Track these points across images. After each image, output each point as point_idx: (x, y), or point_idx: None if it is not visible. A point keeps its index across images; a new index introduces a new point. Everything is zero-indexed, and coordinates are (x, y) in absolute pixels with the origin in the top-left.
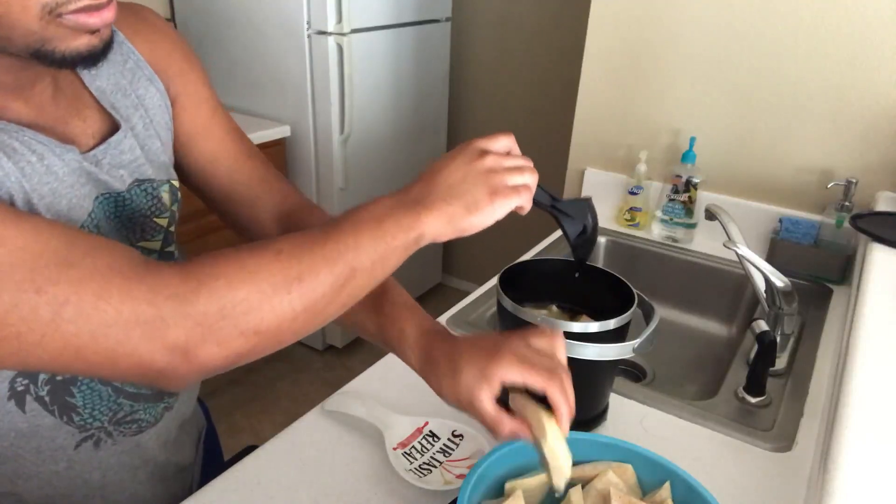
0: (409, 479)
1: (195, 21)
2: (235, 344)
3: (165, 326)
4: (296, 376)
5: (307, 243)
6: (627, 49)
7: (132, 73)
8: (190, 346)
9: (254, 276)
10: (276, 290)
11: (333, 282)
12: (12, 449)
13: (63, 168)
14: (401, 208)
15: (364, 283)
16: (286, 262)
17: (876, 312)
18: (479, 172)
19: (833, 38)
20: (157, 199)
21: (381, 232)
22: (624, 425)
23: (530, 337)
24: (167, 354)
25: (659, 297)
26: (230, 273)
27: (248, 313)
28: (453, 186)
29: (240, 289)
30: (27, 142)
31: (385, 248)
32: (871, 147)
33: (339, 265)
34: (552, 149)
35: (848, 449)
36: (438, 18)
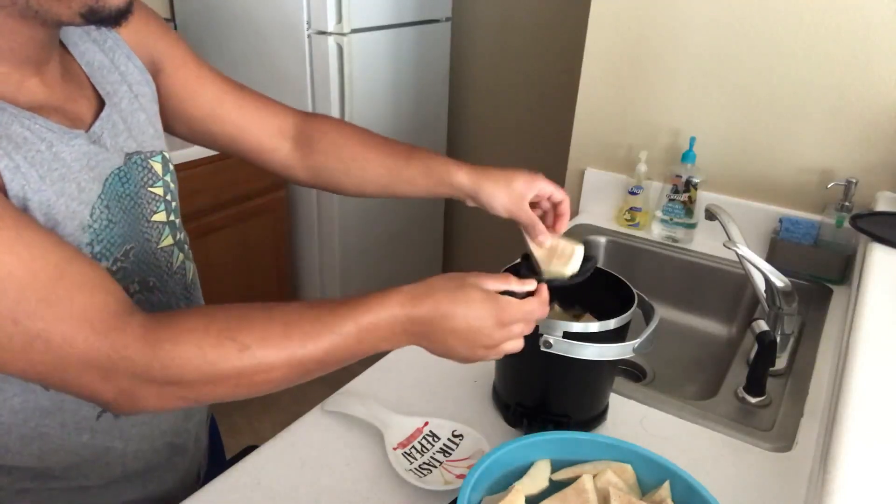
0: (409, 479)
1: (195, 21)
2: (175, 404)
3: (116, 377)
4: None
5: (278, 342)
6: (627, 49)
7: (112, 51)
8: (136, 395)
9: (209, 367)
10: (225, 382)
11: (288, 378)
12: (38, 429)
13: (71, 154)
14: (404, 338)
15: (319, 374)
16: (246, 362)
17: (876, 312)
18: (482, 346)
19: (833, 38)
20: (150, 170)
21: (359, 347)
22: (624, 425)
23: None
24: (115, 394)
25: (659, 297)
26: (191, 359)
27: (193, 389)
28: (453, 347)
29: (191, 372)
30: (37, 130)
31: (352, 356)
32: (871, 147)
33: (299, 367)
34: (552, 149)
35: (848, 449)
36: (438, 18)
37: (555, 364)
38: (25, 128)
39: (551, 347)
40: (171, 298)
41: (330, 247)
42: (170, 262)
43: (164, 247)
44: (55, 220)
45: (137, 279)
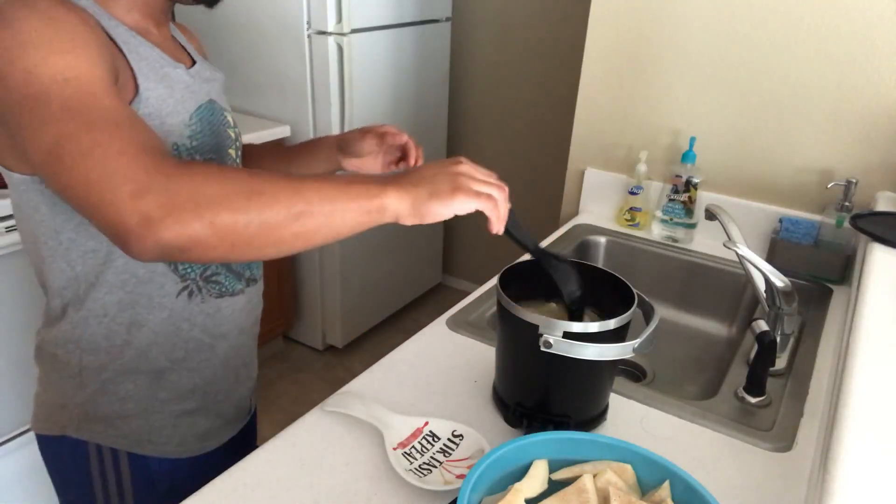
0: (409, 479)
1: (195, 21)
2: (189, 229)
3: (146, 192)
4: (296, 376)
5: (281, 176)
6: (627, 49)
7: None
8: (156, 216)
9: (225, 180)
10: (238, 196)
11: (288, 209)
12: (131, 296)
13: (175, 76)
14: (372, 180)
15: (317, 225)
16: (255, 180)
17: (876, 312)
18: (448, 172)
19: (833, 38)
20: (224, 116)
21: (346, 189)
22: (624, 425)
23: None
24: (137, 218)
25: (659, 297)
26: (210, 174)
27: (210, 205)
28: (423, 177)
29: (211, 185)
30: (156, 55)
31: (343, 203)
32: (871, 147)
33: (298, 199)
34: (552, 149)
35: (848, 449)
36: (438, 18)
37: (555, 364)
38: (148, 52)
39: (551, 347)
40: None
41: (330, 247)
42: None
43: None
44: (166, 110)
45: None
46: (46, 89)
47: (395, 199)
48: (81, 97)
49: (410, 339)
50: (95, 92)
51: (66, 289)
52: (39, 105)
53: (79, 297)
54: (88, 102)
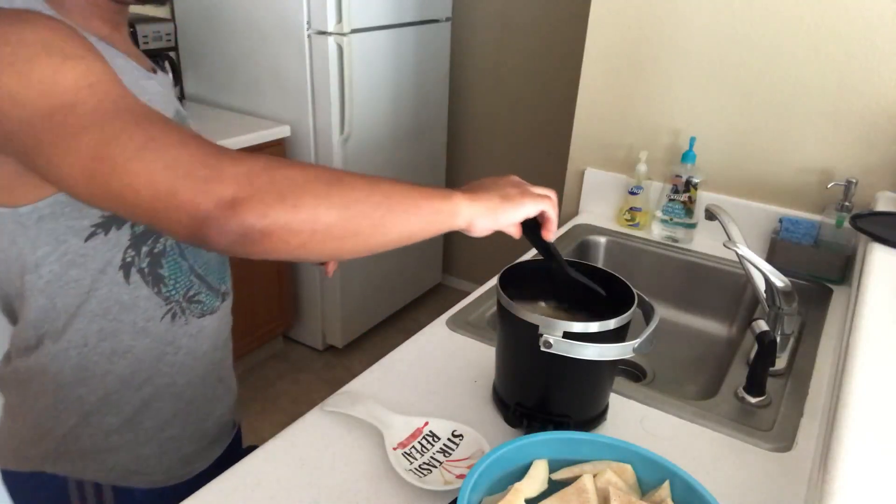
0: (409, 479)
1: (195, 21)
2: (275, 210)
3: (222, 178)
4: (296, 376)
5: (358, 174)
6: (627, 49)
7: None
8: (238, 198)
9: (304, 167)
10: (318, 182)
11: (368, 198)
12: (113, 324)
13: (150, 87)
14: (443, 189)
15: (394, 220)
16: (330, 170)
17: (876, 312)
18: (509, 182)
19: (833, 38)
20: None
21: (420, 189)
22: (624, 425)
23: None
24: (214, 204)
25: (659, 297)
26: (284, 160)
27: (293, 188)
28: (488, 186)
29: (291, 169)
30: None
31: (420, 202)
32: (871, 147)
33: (376, 191)
34: (552, 149)
35: (848, 449)
36: (438, 18)
37: (555, 364)
38: (123, 63)
39: (551, 347)
40: None
41: None
42: None
43: None
44: None
45: None
46: (71, 99)
47: (467, 204)
48: (114, 99)
49: (410, 339)
50: (124, 93)
51: (43, 321)
52: (67, 115)
53: (57, 329)
54: (124, 102)
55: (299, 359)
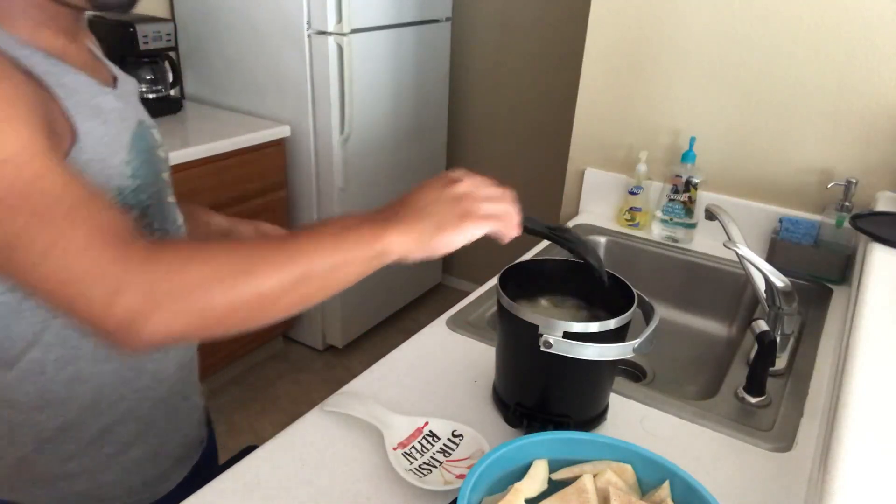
0: (409, 479)
1: (195, 21)
2: (179, 321)
3: (124, 290)
4: (296, 376)
5: (267, 243)
6: (627, 49)
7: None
8: (139, 315)
9: (207, 263)
10: (223, 279)
11: (283, 282)
12: (73, 351)
13: (107, 104)
14: (367, 223)
15: (317, 287)
16: (241, 256)
17: (876, 312)
18: (451, 197)
19: (833, 38)
20: (153, 136)
21: (343, 241)
22: (624, 425)
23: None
24: (119, 318)
25: (659, 297)
26: (188, 256)
27: (195, 294)
28: (424, 208)
29: (192, 271)
30: (83, 83)
31: (344, 258)
32: (871, 147)
33: (291, 267)
34: (552, 149)
35: (848, 449)
36: (438, 18)
37: (555, 364)
38: (76, 81)
39: (551, 347)
40: None
41: None
42: (175, 218)
43: (169, 201)
44: (105, 151)
45: (158, 220)
46: None
47: (397, 240)
48: (24, 183)
49: (410, 339)
50: (39, 171)
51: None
52: None
53: (11, 357)
54: (34, 188)
55: (299, 359)
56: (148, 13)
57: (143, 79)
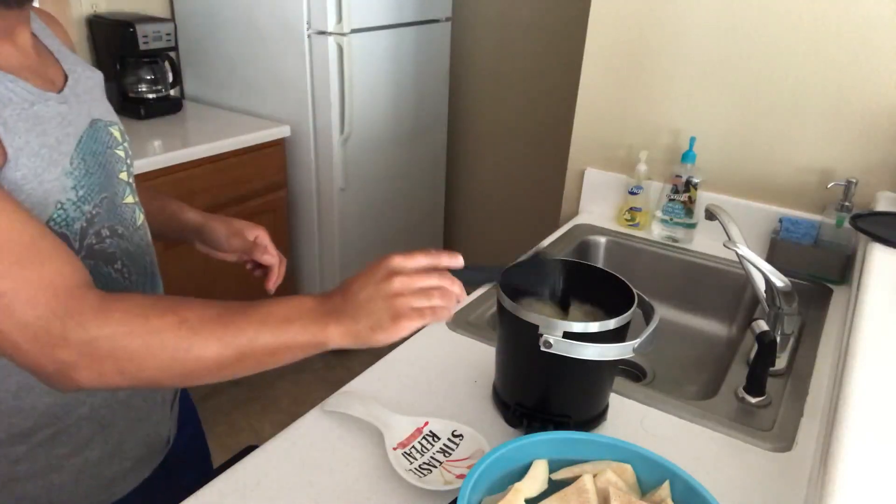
0: (409, 479)
1: (195, 21)
2: (113, 379)
3: (65, 347)
4: (296, 376)
5: (212, 321)
6: (627, 49)
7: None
8: (76, 367)
9: (151, 337)
10: (164, 352)
11: (221, 360)
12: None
13: (47, 112)
14: (312, 316)
15: (253, 366)
16: (184, 334)
17: (876, 312)
18: (385, 295)
19: (833, 38)
20: (111, 135)
21: (286, 331)
22: (624, 425)
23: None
24: (56, 367)
25: (659, 297)
26: (136, 328)
27: (133, 362)
28: (361, 306)
29: (134, 339)
30: (19, 91)
31: (284, 345)
32: (871, 147)
33: (233, 349)
34: (552, 149)
35: (848, 449)
36: (438, 18)
37: (555, 364)
38: (9, 90)
39: (551, 347)
40: (137, 249)
41: (330, 247)
42: (133, 218)
43: (127, 203)
44: (42, 165)
45: (108, 225)
46: None
47: (336, 335)
48: None
49: (410, 339)
50: None
51: None
52: None
53: None
54: None
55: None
56: (148, 13)
57: (143, 79)
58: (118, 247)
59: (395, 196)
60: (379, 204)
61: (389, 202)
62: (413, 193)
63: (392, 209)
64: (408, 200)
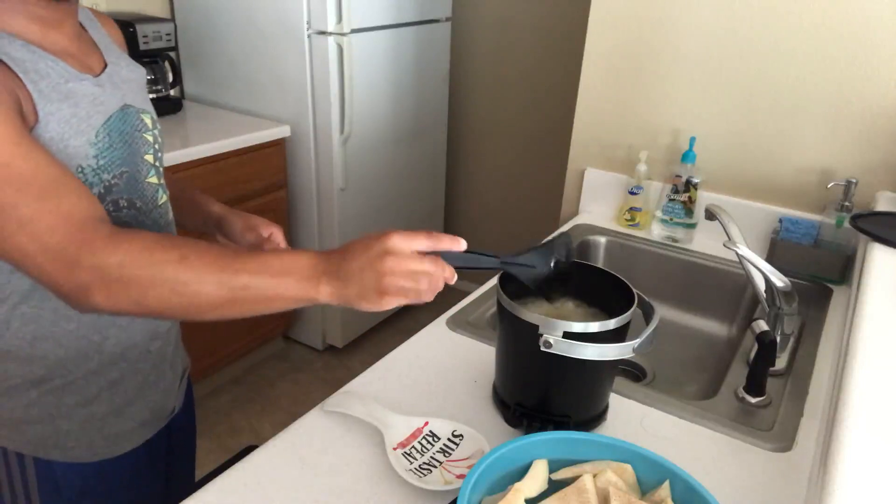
0: (409, 479)
1: (195, 21)
2: (122, 304)
3: (80, 269)
4: (296, 376)
5: (212, 260)
6: (627, 49)
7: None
8: (89, 289)
9: (154, 268)
10: (165, 284)
11: (216, 298)
12: (35, 310)
13: (80, 90)
14: (307, 272)
15: (247, 309)
16: (184, 269)
17: (876, 312)
18: (376, 270)
19: (833, 38)
20: (141, 121)
21: (280, 282)
22: (624, 425)
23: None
24: (73, 287)
25: (659, 297)
26: (141, 254)
27: (139, 289)
28: (354, 273)
29: (141, 267)
30: (57, 70)
31: (276, 293)
32: (871, 147)
33: (228, 289)
34: (552, 149)
35: (848, 449)
36: (438, 18)
37: (555, 364)
38: (49, 67)
39: (551, 347)
40: (154, 225)
41: (330, 247)
42: (155, 197)
43: (150, 182)
44: (69, 132)
45: (126, 197)
46: None
47: (326, 294)
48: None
49: (410, 339)
50: (8, 161)
51: None
52: None
53: None
54: (4, 175)
55: (299, 359)
56: (148, 13)
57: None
58: (135, 219)
59: (395, 196)
60: (379, 204)
61: (389, 202)
62: (413, 193)
63: (392, 209)
64: (408, 200)
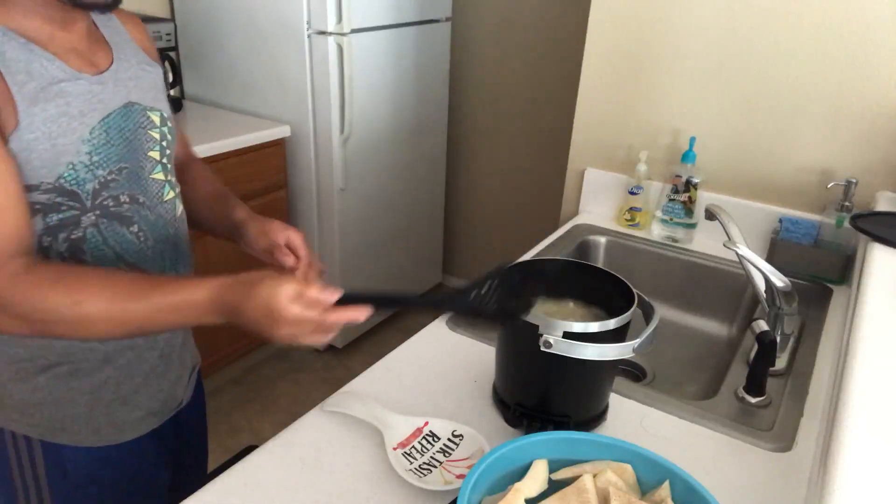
0: (409, 479)
1: (195, 21)
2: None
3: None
4: (296, 376)
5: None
6: (627, 49)
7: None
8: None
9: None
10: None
11: (110, 336)
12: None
13: (75, 89)
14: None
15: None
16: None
17: (876, 312)
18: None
19: (833, 38)
20: (147, 118)
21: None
22: (624, 425)
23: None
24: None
25: (659, 297)
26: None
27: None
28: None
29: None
30: (52, 70)
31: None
32: (871, 147)
33: (122, 330)
34: (552, 148)
35: (848, 449)
36: (438, 18)
37: (555, 364)
38: (43, 67)
39: (551, 347)
40: (158, 220)
41: (330, 247)
42: (160, 193)
43: (155, 178)
44: (57, 131)
45: (127, 193)
46: None
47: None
48: None
49: (410, 339)
50: None
51: None
52: None
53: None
54: None
55: (299, 359)
56: (148, 13)
57: None
58: (137, 213)
59: (395, 196)
60: (379, 204)
61: (389, 202)
62: (413, 193)
63: (392, 209)
64: (408, 200)
